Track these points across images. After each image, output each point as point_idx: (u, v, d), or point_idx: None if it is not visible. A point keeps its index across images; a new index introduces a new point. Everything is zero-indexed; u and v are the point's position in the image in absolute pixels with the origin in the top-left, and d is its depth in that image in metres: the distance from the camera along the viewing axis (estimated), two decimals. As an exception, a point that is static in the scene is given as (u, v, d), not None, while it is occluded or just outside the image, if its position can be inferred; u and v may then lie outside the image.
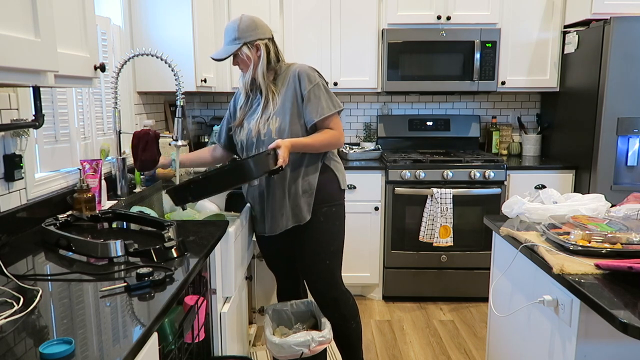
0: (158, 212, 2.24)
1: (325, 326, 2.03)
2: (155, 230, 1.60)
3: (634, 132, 2.80)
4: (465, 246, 3.13)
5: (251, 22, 1.92)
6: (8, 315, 0.99)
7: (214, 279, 1.72)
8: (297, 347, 1.91)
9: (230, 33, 1.92)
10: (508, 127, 3.68)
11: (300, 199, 1.99)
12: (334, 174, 2.06)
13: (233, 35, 1.92)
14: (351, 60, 3.29)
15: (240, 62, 1.96)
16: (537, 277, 1.47)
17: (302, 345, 1.92)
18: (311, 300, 2.24)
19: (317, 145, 1.93)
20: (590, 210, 1.62)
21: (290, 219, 2.00)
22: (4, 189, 1.59)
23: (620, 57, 2.74)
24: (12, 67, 1.04)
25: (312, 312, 2.25)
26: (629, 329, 1.00)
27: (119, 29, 2.55)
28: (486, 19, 3.19)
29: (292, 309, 2.24)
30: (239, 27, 1.90)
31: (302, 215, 1.99)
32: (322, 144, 1.94)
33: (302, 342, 1.91)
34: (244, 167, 1.71)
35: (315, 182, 2.00)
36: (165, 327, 1.36)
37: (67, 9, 1.42)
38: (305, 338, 1.92)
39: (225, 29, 1.95)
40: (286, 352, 1.94)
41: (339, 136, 1.98)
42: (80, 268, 1.29)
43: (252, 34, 1.91)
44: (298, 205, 1.98)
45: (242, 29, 1.90)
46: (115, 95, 2.13)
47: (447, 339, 2.78)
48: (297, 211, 1.99)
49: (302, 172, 1.99)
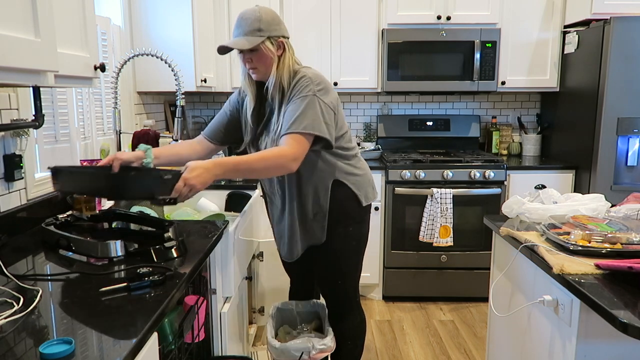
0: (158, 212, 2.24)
1: (329, 333, 2.02)
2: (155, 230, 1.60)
3: (634, 132, 2.80)
4: (465, 246, 3.13)
5: (275, 15, 1.69)
6: (8, 315, 0.99)
7: (214, 279, 1.72)
8: (296, 353, 1.91)
9: (251, 23, 1.65)
10: (508, 127, 3.68)
11: (313, 223, 1.83)
12: (350, 191, 1.83)
13: (255, 26, 1.64)
14: (351, 60, 3.29)
15: (258, 58, 1.68)
16: (537, 277, 1.47)
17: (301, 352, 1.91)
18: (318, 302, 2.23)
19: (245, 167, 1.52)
20: (590, 210, 1.61)
21: (304, 242, 1.87)
22: (4, 189, 1.59)
23: (620, 57, 2.74)
24: (12, 67, 1.04)
25: (318, 314, 2.24)
26: (629, 329, 1.00)
27: (119, 29, 2.55)
28: (486, 19, 3.19)
29: (298, 309, 2.23)
30: (262, 17, 1.65)
31: (317, 237, 1.85)
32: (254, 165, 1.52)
33: (302, 348, 1.91)
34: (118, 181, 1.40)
35: (327, 203, 1.80)
36: (165, 327, 1.36)
37: (67, 9, 1.42)
38: (306, 345, 1.91)
39: (243, 18, 1.67)
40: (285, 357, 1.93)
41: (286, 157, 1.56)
42: (80, 268, 1.29)
43: (276, 29, 1.68)
44: (311, 229, 1.84)
45: (266, 21, 1.65)
46: (115, 95, 2.13)
47: (447, 339, 2.78)
48: (311, 234, 1.85)
49: (310, 194, 1.80)
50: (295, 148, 1.59)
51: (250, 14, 1.66)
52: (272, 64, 1.69)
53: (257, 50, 1.66)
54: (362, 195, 1.85)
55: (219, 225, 1.69)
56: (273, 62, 1.68)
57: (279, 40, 1.68)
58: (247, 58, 1.69)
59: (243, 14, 1.68)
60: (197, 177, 1.39)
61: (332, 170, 1.79)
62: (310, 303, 2.23)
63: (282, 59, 1.70)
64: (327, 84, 1.72)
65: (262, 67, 1.70)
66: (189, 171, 1.39)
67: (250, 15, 1.66)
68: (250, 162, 1.52)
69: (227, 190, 2.49)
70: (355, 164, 1.87)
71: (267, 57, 1.68)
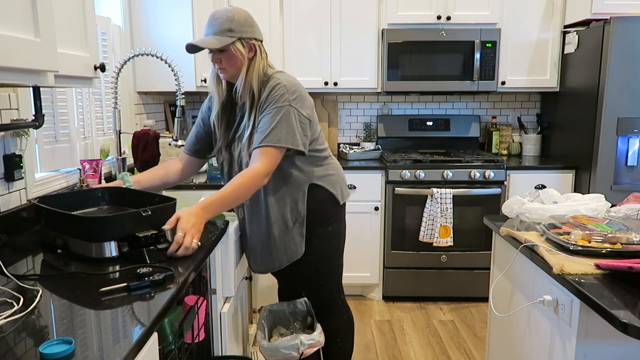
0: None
1: (317, 328, 2.02)
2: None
3: (634, 132, 2.80)
4: (465, 246, 3.13)
5: (248, 16, 1.67)
6: (8, 315, 0.99)
7: (214, 279, 1.72)
8: (286, 351, 1.91)
9: (223, 22, 1.62)
10: (508, 127, 3.68)
11: (293, 232, 1.78)
12: (327, 192, 1.82)
13: (226, 26, 1.61)
14: (351, 60, 3.29)
15: (228, 59, 1.65)
16: (537, 277, 1.47)
17: (291, 349, 1.91)
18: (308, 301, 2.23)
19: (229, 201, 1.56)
20: (590, 210, 1.62)
21: (284, 257, 1.81)
22: (4, 189, 1.59)
23: (620, 57, 2.74)
24: (12, 67, 1.04)
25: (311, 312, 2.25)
26: (629, 329, 1.00)
27: (119, 29, 2.55)
28: (486, 19, 3.19)
29: (290, 309, 2.23)
30: (234, 18, 1.62)
31: (297, 250, 1.81)
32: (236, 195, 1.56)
33: (291, 345, 1.91)
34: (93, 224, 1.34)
35: (305, 208, 1.78)
36: (165, 327, 1.36)
37: (67, 9, 1.42)
38: (294, 342, 1.91)
39: (214, 17, 1.64)
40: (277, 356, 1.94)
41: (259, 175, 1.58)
42: (81, 268, 1.28)
43: (248, 30, 1.65)
44: (292, 240, 1.79)
45: (238, 22, 1.63)
46: (115, 95, 2.13)
47: (447, 339, 2.78)
48: (292, 246, 1.79)
49: (287, 203, 1.76)
50: (266, 164, 1.60)
51: (222, 14, 1.63)
52: (242, 66, 1.65)
53: (227, 51, 1.63)
54: (338, 194, 1.84)
55: (219, 225, 1.69)
56: (243, 65, 1.65)
57: (250, 42, 1.65)
58: (217, 58, 1.66)
59: (215, 13, 1.65)
60: (194, 226, 1.42)
61: (307, 176, 1.78)
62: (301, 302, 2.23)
63: (252, 62, 1.66)
64: (301, 92, 1.68)
65: (231, 68, 1.67)
66: (184, 222, 1.41)
67: (222, 15, 1.63)
68: (232, 194, 1.55)
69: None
70: (328, 165, 1.85)
71: (237, 59, 1.65)
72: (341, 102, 3.73)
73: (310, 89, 3.36)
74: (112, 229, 1.35)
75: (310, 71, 3.31)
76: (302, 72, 3.29)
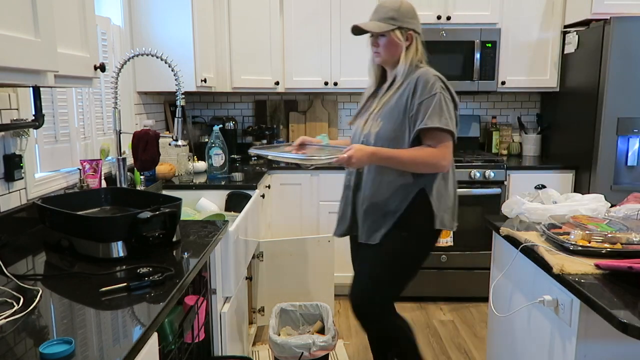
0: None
1: (330, 332, 2.02)
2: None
3: (634, 132, 2.80)
4: (465, 246, 3.13)
5: (412, 9, 1.79)
6: (8, 315, 0.99)
7: (214, 279, 1.72)
8: (297, 349, 1.91)
9: (387, 11, 1.76)
10: (508, 127, 3.68)
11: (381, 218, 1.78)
12: (428, 205, 1.76)
13: (390, 14, 1.75)
14: (351, 60, 3.29)
15: (386, 44, 1.77)
16: (537, 277, 1.47)
17: (302, 348, 1.91)
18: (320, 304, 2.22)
19: (403, 160, 1.68)
20: (590, 210, 1.61)
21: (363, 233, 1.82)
22: (4, 189, 1.59)
23: (620, 57, 2.74)
24: (12, 67, 1.04)
25: (321, 316, 2.24)
26: (629, 329, 1.00)
27: (119, 29, 2.55)
28: (486, 19, 3.19)
29: (301, 310, 2.23)
30: (400, 8, 1.75)
31: (373, 236, 1.80)
32: (411, 160, 1.68)
33: (302, 344, 1.91)
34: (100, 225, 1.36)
35: (403, 208, 1.76)
36: (165, 327, 1.36)
37: (67, 9, 1.42)
38: (307, 341, 1.92)
39: (381, 5, 1.79)
40: (287, 353, 1.94)
41: (438, 157, 1.68)
42: (80, 268, 1.29)
43: (410, 22, 1.76)
44: (377, 222, 1.79)
45: (403, 12, 1.75)
46: (115, 95, 2.13)
47: (447, 339, 2.78)
48: (374, 229, 1.79)
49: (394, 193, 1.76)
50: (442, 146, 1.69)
51: (390, 3, 1.77)
52: (397, 53, 1.77)
53: (386, 36, 1.76)
54: (438, 217, 1.78)
55: (219, 225, 1.69)
56: (398, 52, 1.76)
57: (408, 32, 1.76)
58: (375, 41, 1.80)
59: (383, 2, 1.80)
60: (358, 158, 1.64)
61: (423, 179, 1.75)
62: (313, 305, 2.23)
63: (408, 50, 1.77)
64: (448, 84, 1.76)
65: (385, 53, 1.79)
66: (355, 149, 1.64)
67: (390, 4, 1.77)
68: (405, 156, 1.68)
69: (227, 190, 2.50)
70: (447, 183, 1.81)
71: (393, 45, 1.76)
72: (341, 102, 3.73)
73: (310, 89, 3.37)
74: (120, 229, 1.35)
75: (310, 71, 3.31)
76: (302, 72, 3.29)
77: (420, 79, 1.71)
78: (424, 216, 1.77)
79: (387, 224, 1.78)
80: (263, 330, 2.79)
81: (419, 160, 1.68)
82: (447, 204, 1.80)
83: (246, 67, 3.22)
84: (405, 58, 1.77)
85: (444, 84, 1.73)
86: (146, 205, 1.45)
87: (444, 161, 1.69)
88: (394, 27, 1.74)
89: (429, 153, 1.68)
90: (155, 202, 1.57)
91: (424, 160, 1.68)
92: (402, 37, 1.75)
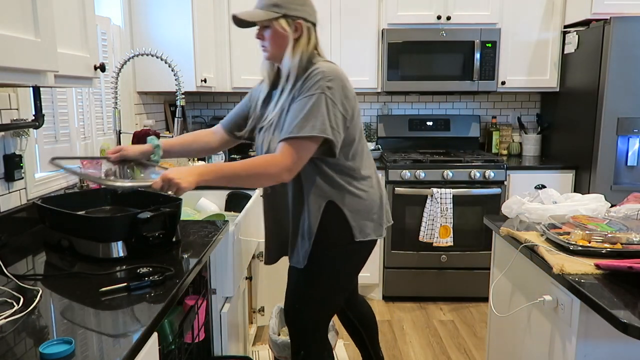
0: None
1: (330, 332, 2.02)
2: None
3: (634, 132, 2.80)
4: (465, 246, 3.13)
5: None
6: (8, 315, 0.99)
7: (214, 279, 1.72)
8: None
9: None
10: (508, 127, 3.68)
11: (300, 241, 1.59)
12: (343, 219, 1.55)
13: (274, 0, 1.48)
14: (351, 61, 3.29)
15: (271, 36, 1.51)
16: (537, 277, 1.47)
17: None
18: None
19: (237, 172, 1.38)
20: (590, 210, 1.62)
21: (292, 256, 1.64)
22: (4, 189, 1.59)
23: (620, 57, 2.74)
24: (12, 67, 1.04)
25: None
26: (629, 329, 1.00)
27: (119, 29, 2.55)
28: (486, 19, 3.19)
29: None
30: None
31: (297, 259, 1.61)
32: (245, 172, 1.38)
33: None
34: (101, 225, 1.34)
35: (316, 226, 1.55)
36: (165, 327, 1.36)
37: (67, 9, 1.42)
38: None
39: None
40: (287, 353, 1.94)
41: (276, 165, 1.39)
42: (81, 268, 1.29)
43: (298, 9, 1.50)
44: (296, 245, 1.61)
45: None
46: (115, 95, 2.14)
47: (447, 339, 2.78)
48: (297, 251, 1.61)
49: (304, 210, 1.57)
50: (289, 157, 1.40)
51: None
52: (285, 45, 1.50)
53: (270, 27, 1.50)
54: (356, 228, 1.56)
55: (219, 225, 1.69)
56: (286, 44, 1.50)
57: (297, 21, 1.49)
58: (260, 34, 1.54)
59: None
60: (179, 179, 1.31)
61: (329, 189, 1.54)
62: None
63: (297, 43, 1.50)
64: (341, 82, 1.49)
65: (271, 46, 1.53)
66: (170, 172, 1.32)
67: None
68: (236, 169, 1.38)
69: (227, 190, 2.49)
70: (361, 186, 1.58)
71: (279, 37, 1.50)
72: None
73: (310, 89, 3.36)
74: (120, 229, 1.34)
75: (310, 71, 3.30)
76: (302, 72, 3.29)
77: (312, 74, 1.46)
78: (340, 230, 1.56)
79: (305, 246, 1.58)
80: (263, 330, 2.79)
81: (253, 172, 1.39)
82: (368, 211, 1.59)
83: (246, 67, 3.22)
84: (293, 52, 1.49)
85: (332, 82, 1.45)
86: (146, 206, 1.45)
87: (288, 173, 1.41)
88: (278, 15, 1.47)
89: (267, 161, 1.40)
90: (155, 202, 1.57)
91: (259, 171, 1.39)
92: (289, 27, 1.49)
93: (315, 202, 1.54)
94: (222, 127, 1.77)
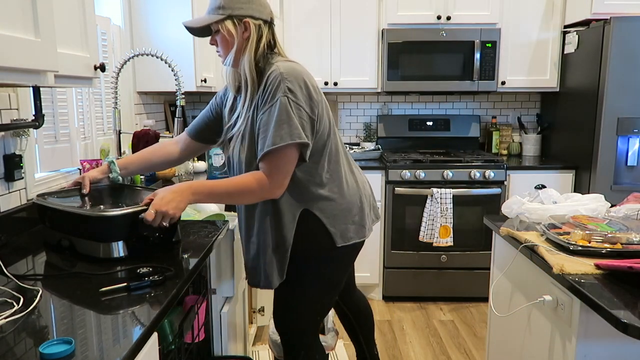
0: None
1: (330, 332, 2.02)
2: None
3: (634, 132, 2.80)
4: (465, 246, 3.13)
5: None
6: (8, 315, 0.99)
7: (214, 279, 1.72)
8: None
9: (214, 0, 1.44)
10: (508, 127, 3.68)
11: (272, 256, 1.51)
12: (321, 226, 1.49)
13: (218, 3, 1.42)
14: (351, 60, 3.29)
15: (221, 40, 1.46)
16: (537, 277, 1.47)
17: None
18: None
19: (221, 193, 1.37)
20: (590, 210, 1.61)
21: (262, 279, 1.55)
22: (4, 189, 1.59)
23: (620, 57, 2.74)
24: (12, 67, 1.04)
25: None
26: (629, 329, 1.00)
27: (119, 29, 2.55)
28: (486, 19, 3.19)
29: None
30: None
31: (271, 281, 1.53)
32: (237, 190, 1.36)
33: None
34: None
35: (291, 237, 1.48)
36: (165, 327, 1.36)
37: (67, 9, 1.42)
38: None
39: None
40: None
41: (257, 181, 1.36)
42: (81, 268, 1.28)
43: (244, 7, 1.42)
44: (270, 264, 1.52)
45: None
46: (115, 95, 2.14)
47: (447, 339, 2.78)
48: (269, 272, 1.52)
49: (273, 223, 1.49)
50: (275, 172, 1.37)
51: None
52: (233, 47, 1.44)
53: (219, 31, 1.44)
54: (337, 234, 1.50)
55: (219, 225, 1.69)
56: (233, 46, 1.43)
57: (244, 20, 1.42)
58: (212, 39, 1.49)
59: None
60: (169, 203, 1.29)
61: (301, 197, 1.48)
62: None
63: (247, 43, 1.43)
64: (302, 81, 1.42)
65: (223, 50, 1.47)
66: (159, 199, 1.30)
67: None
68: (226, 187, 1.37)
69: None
70: (336, 189, 1.51)
71: (225, 40, 1.44)
72: (341, 102, 3.73)
73: (310, 89, 3.36)
74: (121, 228, 1.34)
75: (310, 71, 3.27)
76: (302, 72, 3.29)
77: (266, 81, 1.40)
78: (320, 237, 1.50)
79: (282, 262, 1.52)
80: (263, 330, 2.79)
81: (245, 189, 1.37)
82: (346, 214, 1.52)
83: (246, 67, 3.22)
84: (243, 54, 1.43)
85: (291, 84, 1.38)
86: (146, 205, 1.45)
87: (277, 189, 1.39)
88: (222, 17, 1.41)
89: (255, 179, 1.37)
90: None
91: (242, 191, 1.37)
92: (237, 28, 1.42)
93: (289, 212, 1.47)
94: (188, 134, 1.72)
